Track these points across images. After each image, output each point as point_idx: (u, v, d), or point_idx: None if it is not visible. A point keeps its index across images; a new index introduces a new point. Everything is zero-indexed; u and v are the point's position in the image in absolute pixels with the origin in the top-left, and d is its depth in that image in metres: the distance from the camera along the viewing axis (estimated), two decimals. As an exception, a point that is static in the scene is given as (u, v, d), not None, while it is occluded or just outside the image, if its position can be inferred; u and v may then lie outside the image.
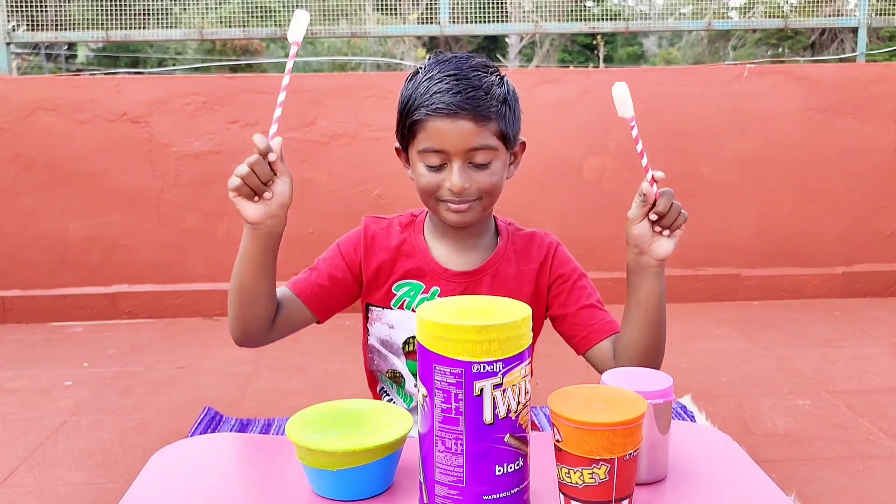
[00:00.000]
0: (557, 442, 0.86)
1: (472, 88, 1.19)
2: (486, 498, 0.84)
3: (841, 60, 5.69)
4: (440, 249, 1.33)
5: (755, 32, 14.25)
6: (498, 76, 1.25)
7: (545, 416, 2.15)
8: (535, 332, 1.12)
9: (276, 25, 4.09)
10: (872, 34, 6.54)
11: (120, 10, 3.98)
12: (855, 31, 4.20)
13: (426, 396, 0.85)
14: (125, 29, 4.01)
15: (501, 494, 0.85)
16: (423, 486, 0.89)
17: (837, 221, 3.96)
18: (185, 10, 4.50)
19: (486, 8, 4.05)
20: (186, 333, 3.52)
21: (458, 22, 4.08)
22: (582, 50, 19.25)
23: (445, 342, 0.82)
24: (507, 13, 4.16)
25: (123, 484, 2.06)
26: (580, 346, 1.32)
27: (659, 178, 1.13)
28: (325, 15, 4.04)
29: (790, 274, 3.94)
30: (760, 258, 3.95)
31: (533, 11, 4.24)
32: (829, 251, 3.97)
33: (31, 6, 3.91)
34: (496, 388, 0.82)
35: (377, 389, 1.44)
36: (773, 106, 3.85)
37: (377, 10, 4.21)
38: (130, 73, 5.00)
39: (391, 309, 1.33)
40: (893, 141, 3.91)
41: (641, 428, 0.86)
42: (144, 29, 4.07)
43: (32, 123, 3.64)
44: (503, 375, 0.82)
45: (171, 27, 4.23)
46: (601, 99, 3.73)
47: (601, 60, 17.65)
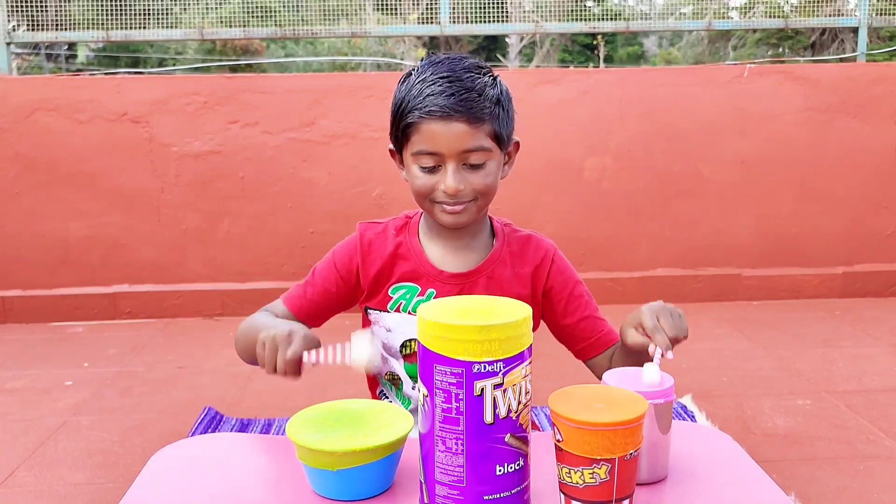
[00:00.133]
0: (558, 442, 0.86)
1: (465, 90, 1.19)
2: (486, 498, 0.85)
3: (841, 60, 5.68)
4: (435, 251, 1.33)
5: (755, 32, 14.25)
6: (491, 77, 1.24)
7: (546, 416, 2.15)
8: None
9: (276, 25, 4.08)
10: (873, 34, 6.53)
11: (120, 10, 3.97)
12: (855, 31, 4.19)
13: (427, 396, 0.85)
14: (125, 29, 4.01)
15: (502, 494, 0.85)
16: (423, 485, 0.89)
17: (838, 221, 3.96)
18: (185, 10, 4.49)
19: (486, 8, 4.04)
20: (187, 333, 3.52)
21: (458, 22, 4.08)
22: (582, 50, 19.26)
23: (446, 342, 0.82)
24: (507, 13, 4.16)
25: (124, 484, 2.06)
26: (580, 355, 1.38)
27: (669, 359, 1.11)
28: (325, 15, 4.04)
29: (790, 274, 3.94)
30: (761, 258, 3.95)
31: (533, 11, 4.23)
32: (829, 251, 3.97)
33: (31, 6, 3.91)
34: (497, 387, 0.82)
35: (377, 391, 1.45)
36: (773, 106, 3.85)
37: (377, 10, 4.21)
38: (131, 73, 5.00)
39: (388, 312, 1.33)
40: (894, 141, 3.91)
41: (642, 428, 0.86)
42: (144, 29, 4.07)
43: (33, 123, 3.64)
44: (504, 375, 0.82)
45: (171, 27, 4.22)
46: (601, 99, 3.73)
47: (601, 60, 17.65)
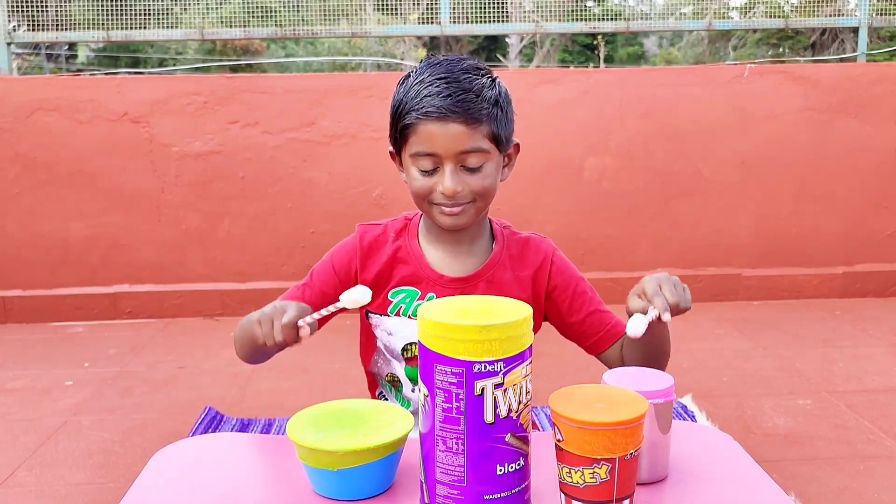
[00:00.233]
0: (558, 442, 0.86)
1: (462, 91, 1.18)
2: (487, 497, 0.85)
3: (841, 60, 5.68)
4: (435, 255, 1.33)
5: (756, 32, 14.25)
6: (489, 78, 1.24)
7: (546, 416, 2.15)
8: None
9: (276, 25, 4.08)
10: (873, 34, 6.54)
11: (120, 10, 3.97)
12: (855, 30, 4.19)
13: (427, 396, 0.85)
14: (126, 29, 4.01)
15: (502, 494, 0.85)
16: (424, 485, 0.89)
17: (838, 221, 3.96)
18: (185, 10, 4.49)
19: (486, 8, 4.04)
20: (187, 333, 3.52)
21: (458, 22, 4.07)
22: (582, 50, 19.26)
23: (446, 342, 0.82)
24: (507, 13, 4.15)
25: (124, 484, 2.06)
26: (591, 350, 1.39)
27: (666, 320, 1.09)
28: (325, 15, 4.04)
29: (790, 274, 3.94)
30: (761, 258, 3.95)
31: (533, 11, 4.23)
32: (829, 251, 3.97)
33: (31, 6, 3.91)
34: (497, 387, 0.82)
35: (376, 392, 1.45)
36: (773, 106, 3.85)
37: (378, 10, 4.21)
38: (131, 73, 5.00)
39: (388, 316, 1.33)
40: (894, 141, 3.91)
41: (642, 428, 0.86)
42: (145, 29, 4.06)
43: (33, 123, 3.64)
44: (504, 375, 0.82)
45: (171, 27, 4.22)
46: (602, 99, 3.73)
47: (602, 60, 17.65)
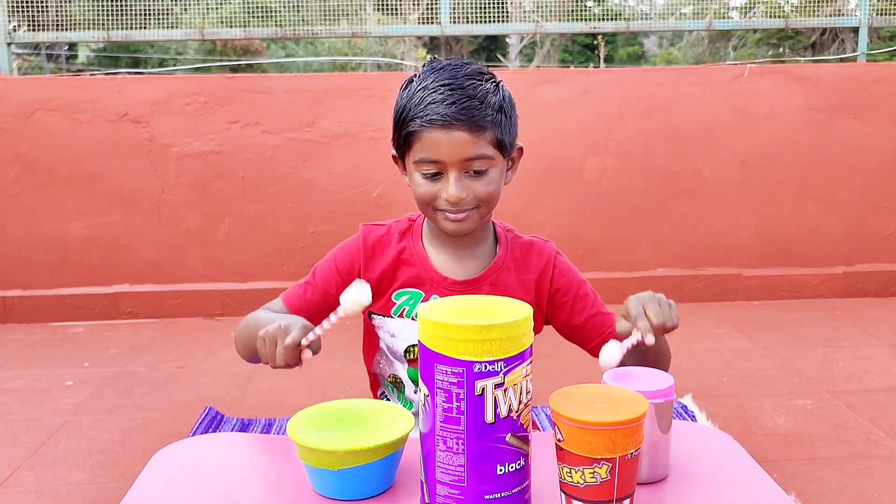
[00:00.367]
0: (559, 441, 0.86)
1: (466, 98, 1.18)
2: (487, 497, 0.85)
3: (841, 60, 5.68)
4: (439, 257, 1.33)
5: (756, 32, 14.24)
6: (493, 83, 1.23)
7: (546, 415, 2.15)
8: None
9: (276, 25, 4.08)
10: (873, 34, 6.53)
11: (120, 10, 3.97)
12: (856, 30, 4.19)
13: (427, 396, 0.85)
14: (126, 29, 4.01)
15: (503, 494, 0.85)
16: (424, 485, 0.89)
17: (838, 221, 3.96)
18: (185, 10, 4.49)
19: (486, 8, 4.04)
20: (187, 333, 3.52)
21: (458, 22, 4.07)
22: (582, 50, 19.25)
23: (447, 342, 0.82)
24: (507, 13, 4.15)
25: (124, 484, 2.06)
26: (594, 352, 1.36)
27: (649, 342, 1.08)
28: (325, 15, 4.04)
29: (790, 274, 3.94)
30: (761, 258, 3.95)
31: (533, 11, 4.23)
32: (829, 251, 3.97)
33: (31, 6, 3.91)
34: (497, 387, 0.82)
35: (378, 393, 1.45)
36: (773, 106, 3.85)
37: (378, 10, 4.21)
38: (131, 73, 5.00)
39: (391, 317, 1.33)
40: (894, 141, 3.91)
41: (642, 427, 0.86)
42: (145, 29, 4.07)
43: (33, 124, 3.64)
44: (504, 375, 0.82)
45: (171, 27, 4.22)
46: (602, 99, 3.73)
47: (602, 60, 17.63)
